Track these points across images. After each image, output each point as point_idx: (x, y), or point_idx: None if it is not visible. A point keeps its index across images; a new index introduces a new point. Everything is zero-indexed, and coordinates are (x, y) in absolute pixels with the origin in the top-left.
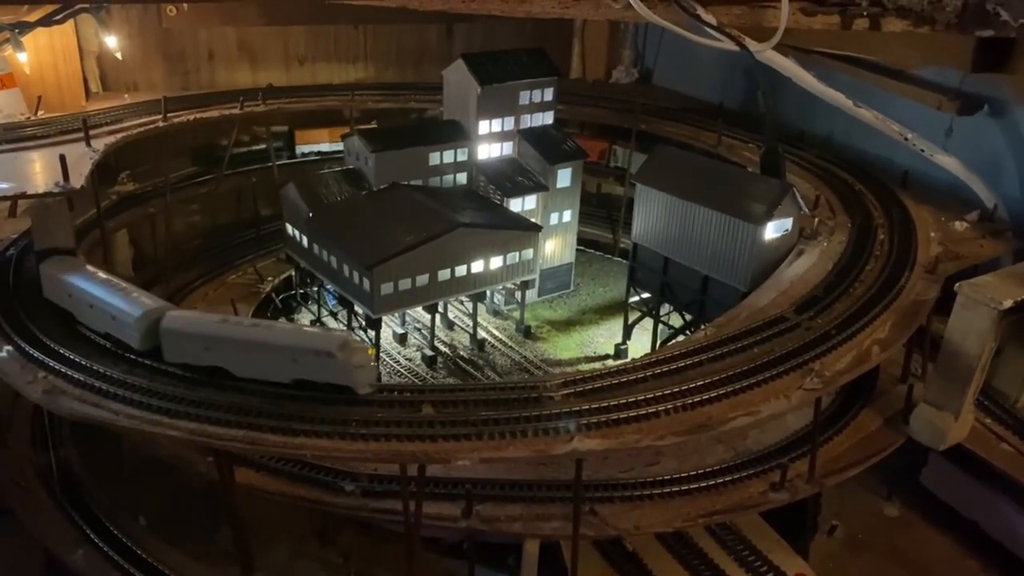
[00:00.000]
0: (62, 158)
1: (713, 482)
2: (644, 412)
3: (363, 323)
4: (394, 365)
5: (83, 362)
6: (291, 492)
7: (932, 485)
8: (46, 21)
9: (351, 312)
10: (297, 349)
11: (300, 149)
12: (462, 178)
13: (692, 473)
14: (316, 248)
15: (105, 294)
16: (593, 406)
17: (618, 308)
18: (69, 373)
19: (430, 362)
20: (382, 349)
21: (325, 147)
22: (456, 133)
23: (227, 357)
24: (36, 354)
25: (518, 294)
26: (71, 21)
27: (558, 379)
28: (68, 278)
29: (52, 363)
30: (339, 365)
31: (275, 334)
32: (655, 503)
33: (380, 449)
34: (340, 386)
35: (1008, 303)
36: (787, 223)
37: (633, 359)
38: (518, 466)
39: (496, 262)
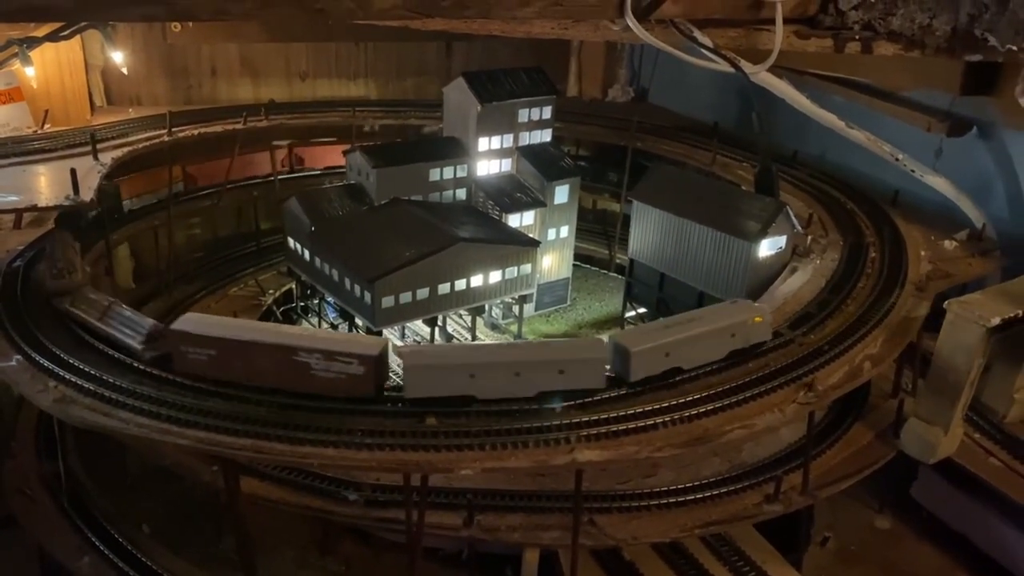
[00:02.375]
0: (73, 172)
1: (709, 493)
2: (642, 424)
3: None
4: (395, 377)
5: (93, 372)
6: (294, 501)
7: (922, 498)
8: (53, 36)
9: (352, 325)
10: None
11: None
12: (462, 194)
13: (688, 485)
14: (318, 261)
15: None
16: (592, 418)
17: (614, 323)
18: (79, 383)
19: None
20: None
21: None
22: (456, 150)
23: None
24: (46, 363)
25: (516, 308)
26: (78, 36)
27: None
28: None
29: (62, 372)
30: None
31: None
32: (652, 513)
33: (385, 459)
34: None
35: (996, 320)
36: (781, 241)
37: None
38: (517, 477)
39: (495, 276)
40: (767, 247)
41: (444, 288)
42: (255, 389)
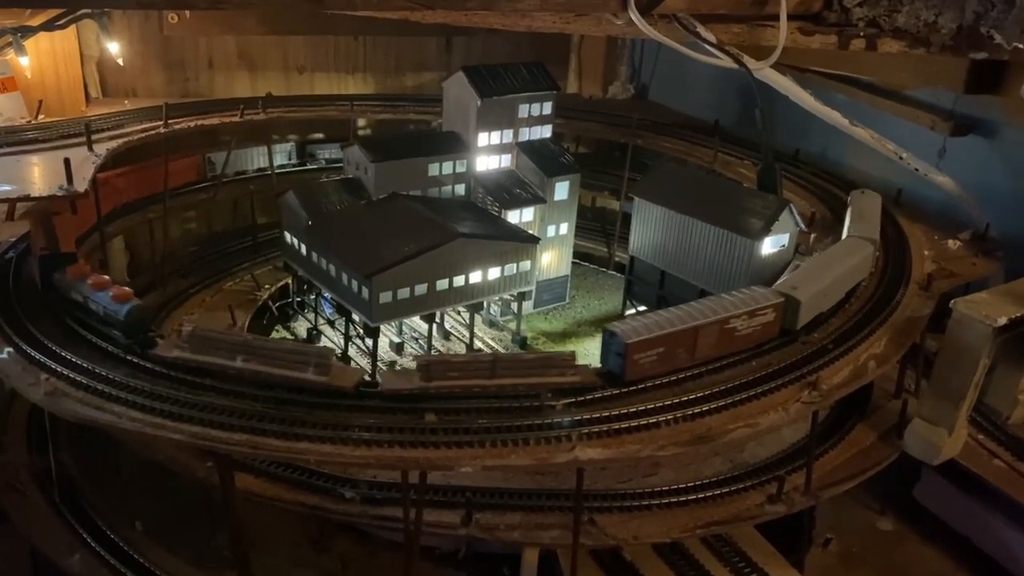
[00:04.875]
0: (66, 161)
1: (710, 493)
2: (645, 423)
3: (361, 332)
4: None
5: (85, 364)
6: (290, 498)
7: (925, 500)
8: (49, 26)
9: (349, 320)
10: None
11: None
12: (461, 189)
13: (690, 484)
14: (315, 256)
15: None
16: (594, 415)
17: (612, 321)
18: (71, 376)
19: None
20: (379, 358)
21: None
22: (455, 145)
23: None
24: (38, 356)
25: (514, 305)
26: (73, 26)
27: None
28: None
29: (54, 365)
30: None
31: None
32: (653, 513)
33: (383, 455)
34: None
35: (1003, 320)
36: (784, 239)
37: None
38: (516, 475)
39: (494, 273)
40: (770, 245)
41: (442, 284)
42: (250, 383)
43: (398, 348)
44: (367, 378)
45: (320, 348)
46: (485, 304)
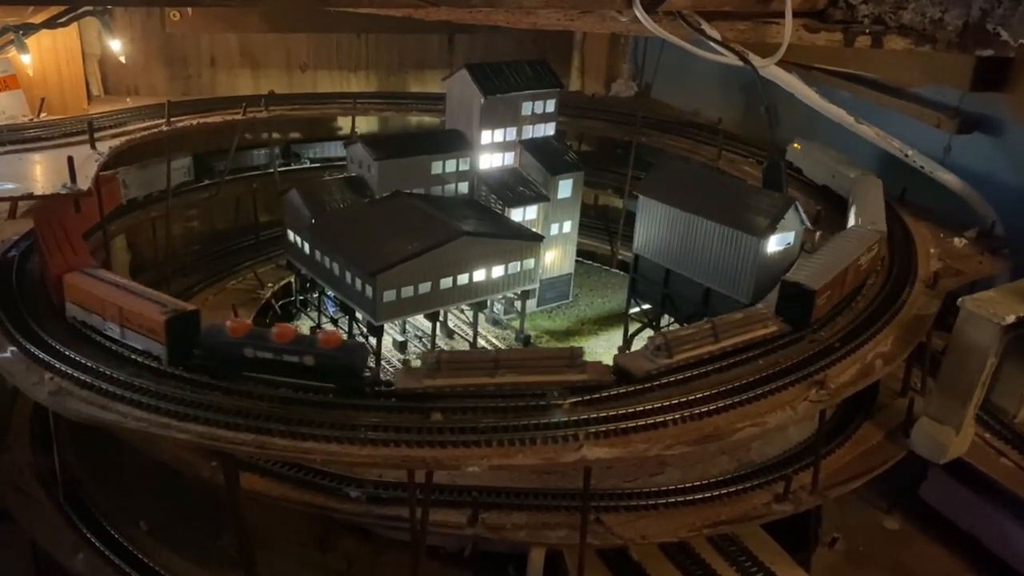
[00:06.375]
0: (70, 159)
1: (717, 493)
2: (652, 421)
3: (364, 330)
4: (395, 372)
5: (89, 364)
6: (295, 498)
7: (932, 499)
8: (50, 23)
9: (352, 319)
10: None
11: None
12: (464, 187)
13: (697, 483)
14: (318, 254)
15: None
16: (601, 414)
17: (616, 319)
18: (75, 375)
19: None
20: (382, 356)
21: None
22: (458, 142)
23: None
24: (41, 355)
25: (518, 304)
26: (75, 24)
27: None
28: None
29: (58, 364)
30: None
31: None
32: (660, 513)
33: (390, 454)
34: None
35: (1011, 318)
36: (789, 236)
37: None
38: (522, 474)
39: (498, 271)
40: (775, 243)
41: (446, 283)
42: (255, 382)
43: (401, 347)
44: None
45: (570, 348)
46: (489, 302)
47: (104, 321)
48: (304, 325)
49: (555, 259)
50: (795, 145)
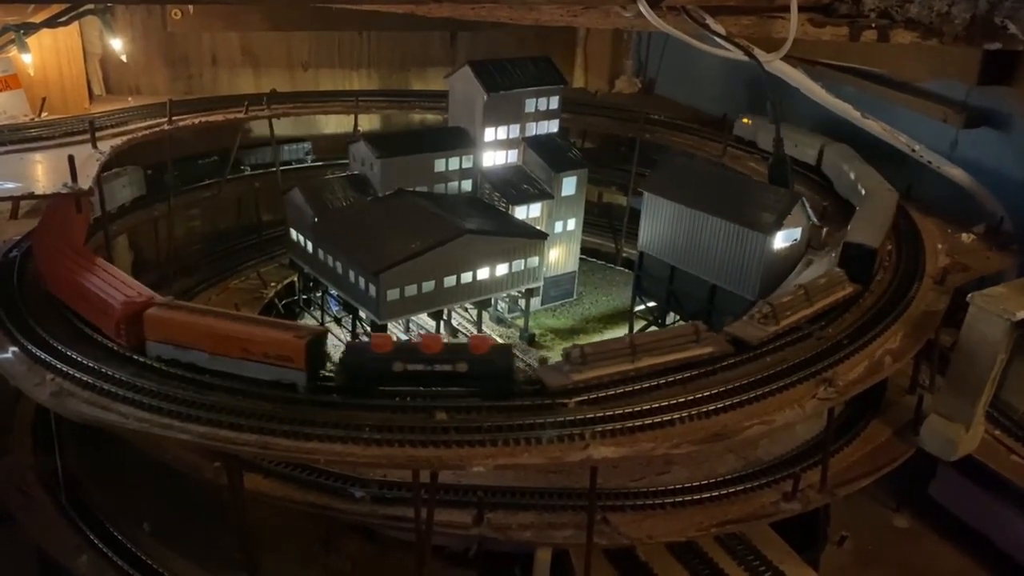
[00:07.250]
0: (71, 159)
1: (725, 491)
2: (659, 420)
3: (368, 329)
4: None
5: (91, 364)
6: (299, 498)
7: (941, 497)
8: (51, 23)
9: (356, 318)
10: None
11: None
12: (467, 185)
13: (704, 482)
14: (321, 253)
15: None
16: (607, 413)
17: (620, 317)
18: (77, 375)
19: None
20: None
21: None
22: (461, 140)
23: None
24: (43, 356)
25: (522, 302)
26: (76, 23)
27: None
28: None
29: (60, 365)
30: None
31: None
32: (667, 512)
33: (394, 454)
34: None
35: (1021, 314)
36: (796, 233)
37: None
38: (528, 473)
39: (502, 269)
40: (782, 239)
41: (450, 281)
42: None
43: None
44: None
45: (691, 323)
46: (493, 301)
47: (211, 357)
48: (308, 324)
49: (559, 257)
50: (745, 120)
